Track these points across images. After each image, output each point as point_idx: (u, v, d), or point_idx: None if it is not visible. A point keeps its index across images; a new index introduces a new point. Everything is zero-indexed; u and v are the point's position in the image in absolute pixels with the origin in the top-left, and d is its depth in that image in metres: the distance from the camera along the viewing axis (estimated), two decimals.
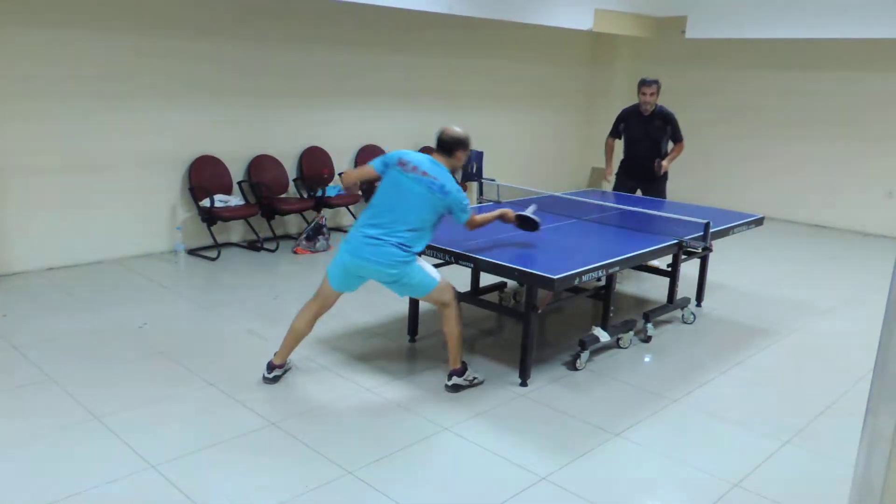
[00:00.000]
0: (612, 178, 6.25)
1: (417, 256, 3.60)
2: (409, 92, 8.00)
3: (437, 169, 3.57)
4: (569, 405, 3.70)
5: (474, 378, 3.84)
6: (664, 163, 5.86)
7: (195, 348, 4.24)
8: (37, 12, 5.34)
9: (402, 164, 3.58)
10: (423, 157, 3.62)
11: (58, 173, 5.64)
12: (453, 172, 3.69)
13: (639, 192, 6.12)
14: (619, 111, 6.32)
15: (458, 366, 3.78)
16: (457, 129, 3.65)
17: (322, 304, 3.78)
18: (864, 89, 8.26)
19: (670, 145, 6.04)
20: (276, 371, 3.80)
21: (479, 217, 3.85)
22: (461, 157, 3.66)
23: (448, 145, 3.63)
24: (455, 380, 3.77)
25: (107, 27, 5.69)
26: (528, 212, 4.18)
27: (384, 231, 3.52)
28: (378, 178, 3.67)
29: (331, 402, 3.61)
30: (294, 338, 3.79)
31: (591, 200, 5.45)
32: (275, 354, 3.82)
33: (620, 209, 5.41)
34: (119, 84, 5.83)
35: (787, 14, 7.91)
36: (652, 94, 5.82)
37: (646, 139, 5.94)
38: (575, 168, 10.41)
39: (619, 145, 6.27)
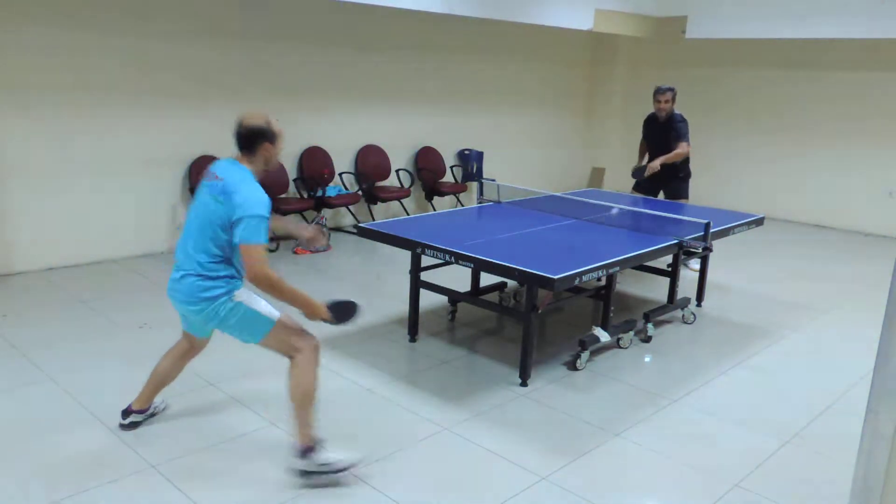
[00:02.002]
0: (644, 161, 6.33)
1: (233, 288, 2.80)
2: (409, 92, 8.00)
3: (231, 170, 2.79)
4: (569, 405, 3.70)
5: (326, 463, 2.84)
6: (652, 164, 6.01)
7: None
8: (37, 13, 5.34)
9: (206, 176, 2.88)
10: (226, 160, 2.88)
11: (58, 173, 5.64)
12: (264, 174, 2.87)
13: (661, 195, 6.24)
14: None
15: (308, 442, 2.86)
16: (255, 117, 2.82)
17: (185, 346, 3.22)
18: (865, 89, 8.26)
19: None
20: (132, 416, 3.26)
21: (273, 277, 2.65)
22: (269, 151, 2.83)
23: (246, 139, 2.80)
24: (296, 462, 2.86)
25: (107, 28, 5.69)
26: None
27: (183, 259, 2.84)
28: None
29: (331, 401, 3.61)
30: (156, 383, 3.25)
31: (591, 200, 5.46)
32: (136, 398, 3.29)
33: (620, 209, 5.40)
34: (119, 84, 5.84)
35: (787, 14, 7.91)
36: (666, 102, 6.00)
37: (662, 144, 6.10)
38: (575, 168, 10.41)
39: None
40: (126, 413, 3.27)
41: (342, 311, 2.99)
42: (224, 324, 2.84)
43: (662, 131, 6.12)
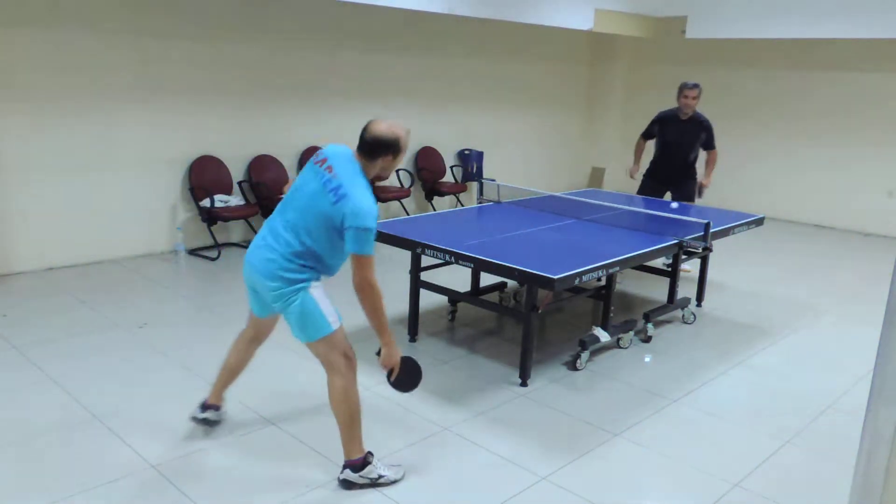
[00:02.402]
0: (638, 178, 6.19)
1: (311, 279, 2.77)
2: (409, 92, 8.00)
3: (346, 166, 2.72)
4: (569, 405, 3.70)
5: (380, 476, 2.89)
6: (705, 182, 5.88)
7: (195, 348, 4.24)
8: (37, 12, 5.34)
9: (316, 156, 2.85)
10: (342, 149, 2.82)
11: (58, 173, 5.64)
12: (374, 182, 2.83)
13: (668, 196, 6.06)
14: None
15: (355, 457, 2.87)
16: (383, 126, 2.75)
17: (252, 332, 3.17)
18: (865, 89, 8.26)
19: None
20: (208, 413, 3.26)
21: (376, 288, 2.73)
22: (387, 164, 2.78)
23: (369, 146, 2.74)
24: (347, 474, 2.86)
25: (107, 27, 5.69)
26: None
27: (277, 233, 2.78)
28: None
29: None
30: (228, 373, 3.23)
31: (591, 200, 5.46)
32: (211, 392, 3.30)
33: (620, 209, 5.40)
34: (119, 84, 5.84)
35: (787, 14, 7.91)
36: (694, 98, 5.79)
37: (680, 143, 5.91)
38: (575, 168, 10.41)
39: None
40: (204, 407, 3.24)
41: (408, 375, 2.96)
42: (288, 310, 2.77)
43: (683, 131, 5.87)
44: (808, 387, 4.09)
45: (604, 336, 4.27)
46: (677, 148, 5.93)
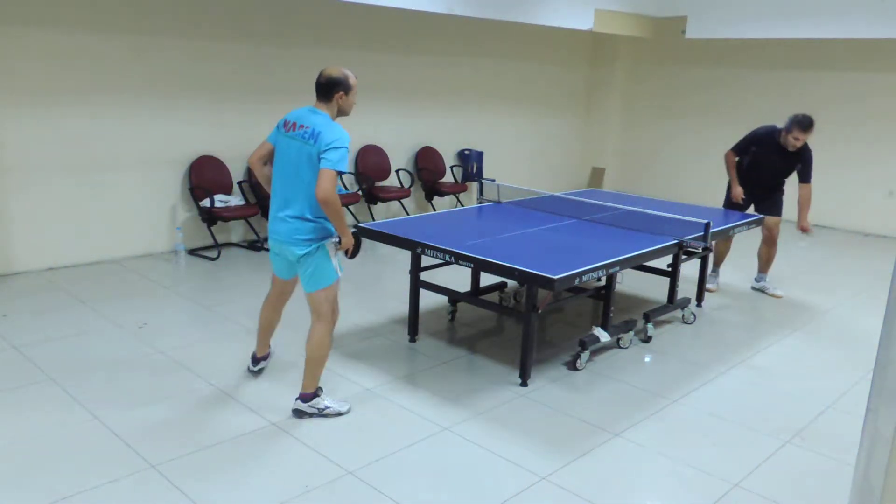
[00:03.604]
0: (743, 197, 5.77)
1: (328, 235, 3.28)
2: (409, 92, 8.00)
3: (313, 117, 3.23)
4: (569, 405, 3.70)
5: (326, 407, 3.42)
6: (805, 226, 5.70)
7: (195, 348, 4.24)
8: (37, 12, 5.34)
9: (285, 125, 3.30)
10: (301, 109, 3.31)
11: (58, 173, 5.64)
12: (337, 117, 3.34)
13: (751, 209, 5.82)
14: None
15: (310, 390, 3.41)
16: (332, 69, 3.32)
17: (278, 292, 3.67)
18: (865, 89, 8.26)
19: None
20: (261, 363, 3.85)
21: (333, 190, 3.12)
22: (343, 99, 3.29)
23: (324, 88, 3.27)
24: (298, 404, 3.41)
25: (107, 27, 5.69)
26: None
27: (283, 204, 3.27)
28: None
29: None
30: (265, 330, 3.80)
31: (591, 200, 5.45)
32: (256, 347, 3.87)
33: (620, 209, 5.40)
34: (119, 84, 5.84)
35: (787, 14, 7.92)
36: (802, 142, 5.42)
37: (774, 170, 5.66)
38: (575, 168, 10.41)
39: None
40: (255, 360, 3.83)
41: (358, 247, 3.43)
42: (308, 262, 3.26)
43: (780, 159, 5.56)
44: (808, 387, 4.09)
45: (604, 336, 4.27)
46: (769, 173, 5.68)
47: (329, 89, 3.27)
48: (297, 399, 3.42)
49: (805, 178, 5.60)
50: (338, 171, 3.11)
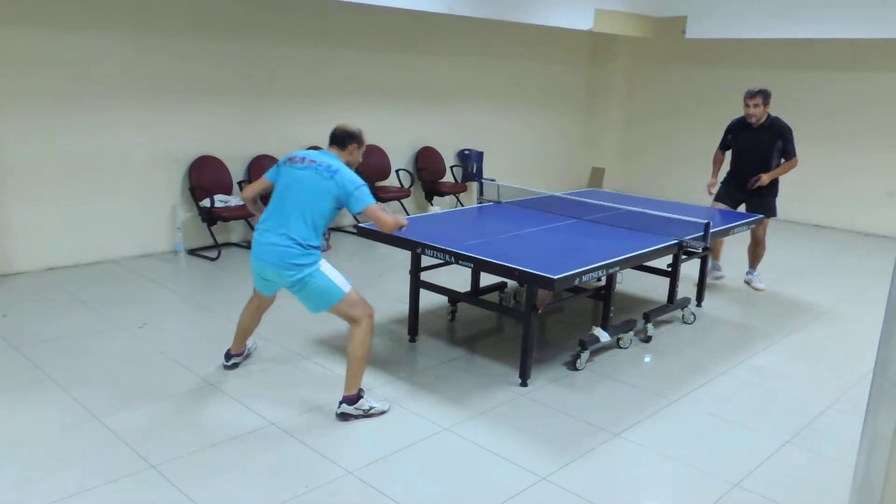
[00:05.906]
0: (715, 189, 5.90)
1: (319, 259, 3.40)
2: (409, 92, 8.00)
3: (328, 158, 3.45)
4: (569, 405, 3.70)
5: (371, 408, 3.48)
6: (763, 177, 5.51)
7: (195, 348, 4.24)
8: (36, 13, 5.34)
9: (290, 160, 3.50)
10: (314, 151, 3.55)
11: (58, 173, 5.64)
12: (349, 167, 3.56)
13: (742, 208, 5.78)
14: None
15: (353, 392, 3.45)
16: (347, 123, 3.59)
17: (257, 303, 3.84)
18: (865, 89, 8.26)
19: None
20: (234, 359, 3.96)
21: (384, 216, 3.42)
22: (354, 151, 3.55)
23: (339, 138, 3.53)
24: (345, 408, 3.43)
25: (107, 27, 5.70)
26: None
27: (277, 229, 3.38)
28: (273, 187, 3.55)
29: (330, 401, 3.60)
30: (242, 332, 3.92)
31: (591, 200, 5.45)
32: (232, 345, 3.97)
33: (620, 209, 5.40)
34: (119, 84, 5.84)
35: (787, 14, 7.91)
36: (756, 106, 5.49)
37: (752, 151, 5.62)
38: (575, 168, 10.41)
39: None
40: (228, 356, 3.94)
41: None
42: (303, 290, 3.37)
43: (755, 139, 5.58)
44: (808, 387, 4.09)
45: (604, 336, 4.27)
46: (749, 156, 5.63)
47: (344, 140, 3.52)
48: (341, 402, 3.43)
49: (788, 154, 5.62)
50: (374, 203, 3.38)
